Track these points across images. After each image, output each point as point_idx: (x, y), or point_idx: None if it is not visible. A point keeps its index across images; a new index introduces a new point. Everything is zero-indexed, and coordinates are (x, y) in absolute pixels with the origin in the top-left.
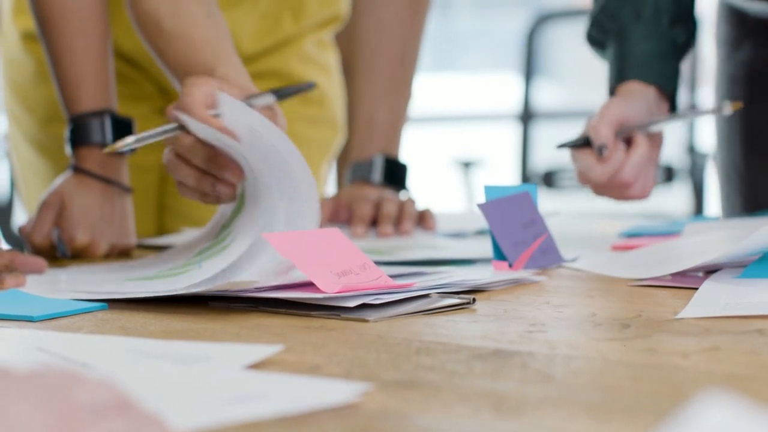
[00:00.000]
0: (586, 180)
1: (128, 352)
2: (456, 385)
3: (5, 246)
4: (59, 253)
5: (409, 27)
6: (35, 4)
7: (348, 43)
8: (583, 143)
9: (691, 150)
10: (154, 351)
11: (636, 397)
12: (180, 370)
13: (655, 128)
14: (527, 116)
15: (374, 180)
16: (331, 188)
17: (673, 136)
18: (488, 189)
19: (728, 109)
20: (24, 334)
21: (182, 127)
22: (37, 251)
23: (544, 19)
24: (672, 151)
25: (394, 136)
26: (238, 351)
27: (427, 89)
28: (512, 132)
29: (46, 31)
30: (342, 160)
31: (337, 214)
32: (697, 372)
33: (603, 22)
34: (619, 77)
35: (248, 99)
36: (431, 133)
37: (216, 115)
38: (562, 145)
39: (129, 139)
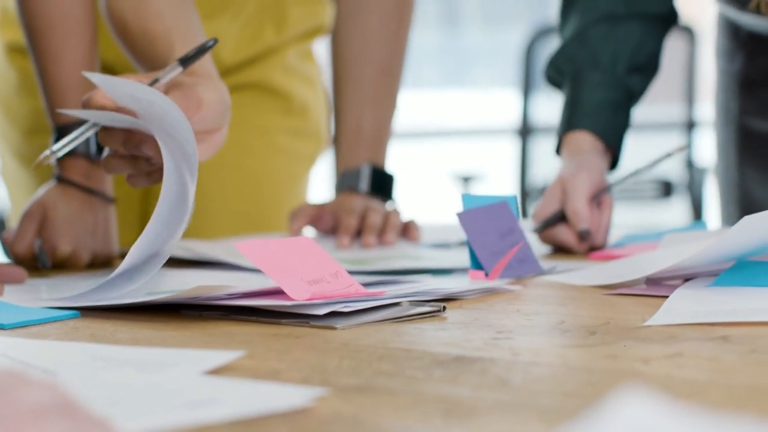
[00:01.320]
0: (554, 242)
1: (92, 359)
2: (412, 391)
3: None
4: (40, 263)
5: (394, 36)
6: (23, 14)
7: (332, 52)
8: (558, 219)
9: (690, 165)
10: (118, 357)
11: (591, 402)
12: (140, 376)
13: (617, 187)
14: (526, 131)
15: (361, 189)
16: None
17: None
18: (466, 198)
19: (676, 151)
20: None
21: (96, 125)
22: (19, 261)
23: (543, 34)
24: (671, 166)
25: (380, 145)
26: (200, 357)
27: (434, 104)
28: (512, 146)
29: (33, 41)
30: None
31: (320, 220)
32: (655, 378)
33: (560, 64)
34: (567, 125)
35: (155, 74)
36: (433, 147)
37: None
38: (539, 229)
39: (52, 149)
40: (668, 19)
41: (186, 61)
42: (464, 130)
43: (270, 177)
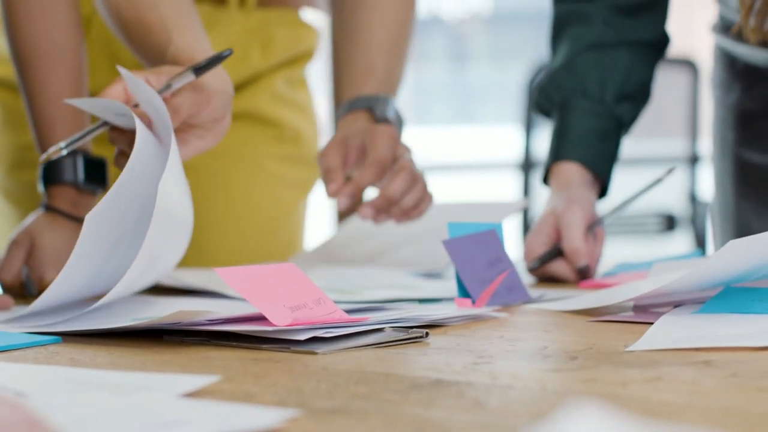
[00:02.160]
0: (548, 276)
1: (66, 382)
2: (385, 413)
3: None
4: (28, 291)
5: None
6: (12, 42)
7: (338, 23)
8: (553, 256)
9: (693, 199)
10: (93, 381)
11: None
12: (115, 398)
13: (613, 217)
14: (528, 165)
15: (378, 113)
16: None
17: (675, 184)
18: (452, 226)
19: (665, 175)
20: None
21: (106, 123)
22: (6, 289)
23: (544, 69)
24: (674, 200)
25: (392, 92)
26: (176, 381)
27: (441, 139)
28: (514, 181)
29: (21, 69)
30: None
31: (347, 158)
32: (632, 400)
33: (549, 92)
34: (555, 155)
35: (168, 81)
36: (439, 181)
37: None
38: (535, 267)
39: (61, 144)
40: (659, 45)
41: (199, 70)
42: (469, 165)
43: (260, 205)
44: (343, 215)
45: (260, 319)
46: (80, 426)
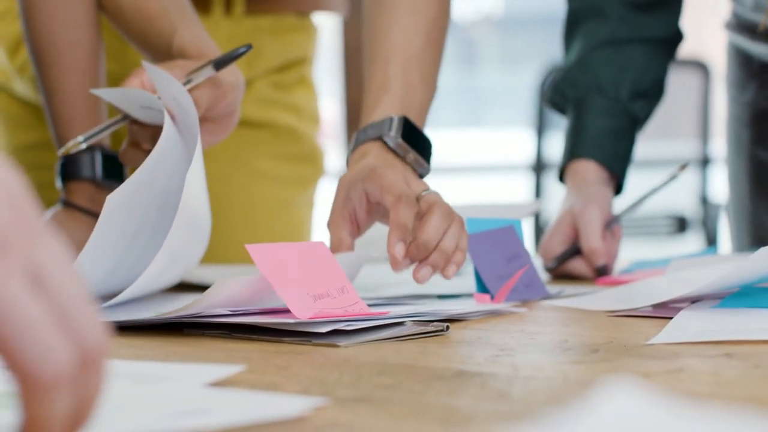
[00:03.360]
0: (566, 274)
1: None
2: (410, 402)
3: None
4: None
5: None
6: (30, 41)
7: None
8: (570, 255)
9: (704, 200)
10: (117, 371)
11: None
12: (138, 387)
13: (628, 216)
14: (539, 167)
15: (389, 139)
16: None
17: (685, 186)
18: (471, 222)
19: (678, 170)
20: None
21: (126, 117)
22: None
23: (556, 70)
24: (685, 202)
25: (414, 103)
26: (200, 371)
27: (452, 142)
28: (526, 183)
29: (40, 67)
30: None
31: (354, 220)
32: (655, 391)
33: (564, 89)
34: (571, 153)
35: (188, 75)
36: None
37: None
38: (553, 266)
39: (79, 138)
40: (673, 41)
41: (220, 64)
42: (481, 167)
43: (252, 203)
44: None
45: (282, 311)
46: (104, 414)
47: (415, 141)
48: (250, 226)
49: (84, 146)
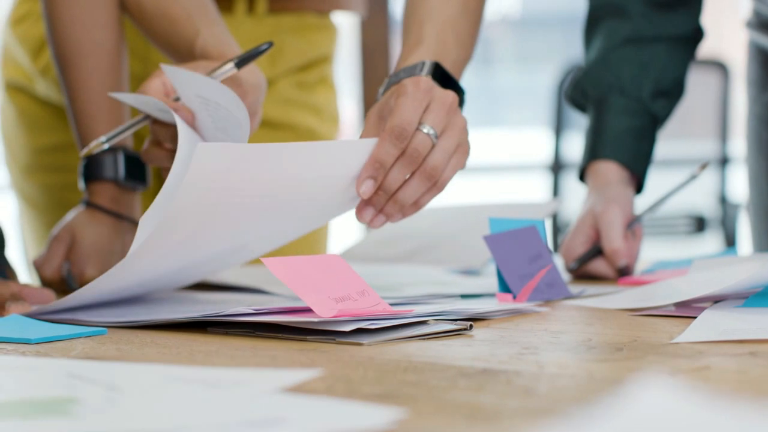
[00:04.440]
0: (588, 274)
1: (162, 378)
2: (435, 398)
3: (22, 279)
4: (68, 286)
5: None
6: (53, 42)
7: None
8: (592, 256)
9: (723, 200)
10: (187, 376)
11: None
12: (211, 392)
13: (648, 215)
14: (557, 167)
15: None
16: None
17: (704, 186)
18: (493, 222)
19: (698, 170)
20: (54, 363)
21: (148, 117)
22: (48, 284)
23: (574, 71)
24: (703, 201)
25: (448, 54)
26: (273, 375)
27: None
28: (544, 183)
29: (63, 69)
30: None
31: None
32: (681, 389)
33: (585, 86)
34: (592, 154)
35: (209, 74)
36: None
37: (177, 99)
38: (574, 267)
39: (102, 138)
40: (694, 39)
41: (242, 62)
42: (499, 167)
43: None
44: None
45: (304, 311)
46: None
47: (447, 87)
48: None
49: (106, 146)
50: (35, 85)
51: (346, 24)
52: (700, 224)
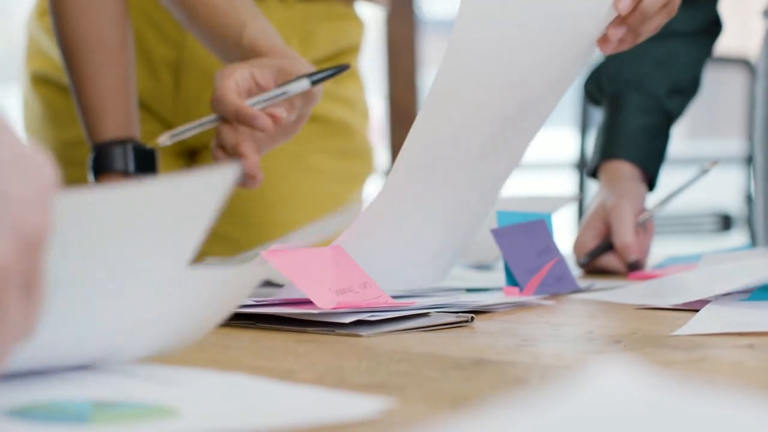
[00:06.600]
0: (599, 269)
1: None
2: (425, 389)
3: None
4: None
5: None
6: (60, 36)
7: None
8: (603, 251)
9: (749, 198)
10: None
11: None
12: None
13: (657, 210)
14: (583, 165)
15: None
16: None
17: (730, 184)
18: (501, 215)
19: (708, 166)
20: None
21: (220, 118)
22: None
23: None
24: (729, 200)
25: None
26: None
27: None
28: (570, 181)
29: (70, 62)
30: None
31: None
32: (673, 379)
33: (601, 81)
34: (605, 152)
35: (283, 86)
36: None
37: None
38: (585, 262)
39: (168, 134)
40: (713, 32)
41: (317, 81)
42: (525, 165)
43: (309, 202)
44: None
45: (304, 303)
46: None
47: None
48: (299, 222)
49: (169, 143)
50: (63, 75)
51: (371, 20)
52: (726, 222)
